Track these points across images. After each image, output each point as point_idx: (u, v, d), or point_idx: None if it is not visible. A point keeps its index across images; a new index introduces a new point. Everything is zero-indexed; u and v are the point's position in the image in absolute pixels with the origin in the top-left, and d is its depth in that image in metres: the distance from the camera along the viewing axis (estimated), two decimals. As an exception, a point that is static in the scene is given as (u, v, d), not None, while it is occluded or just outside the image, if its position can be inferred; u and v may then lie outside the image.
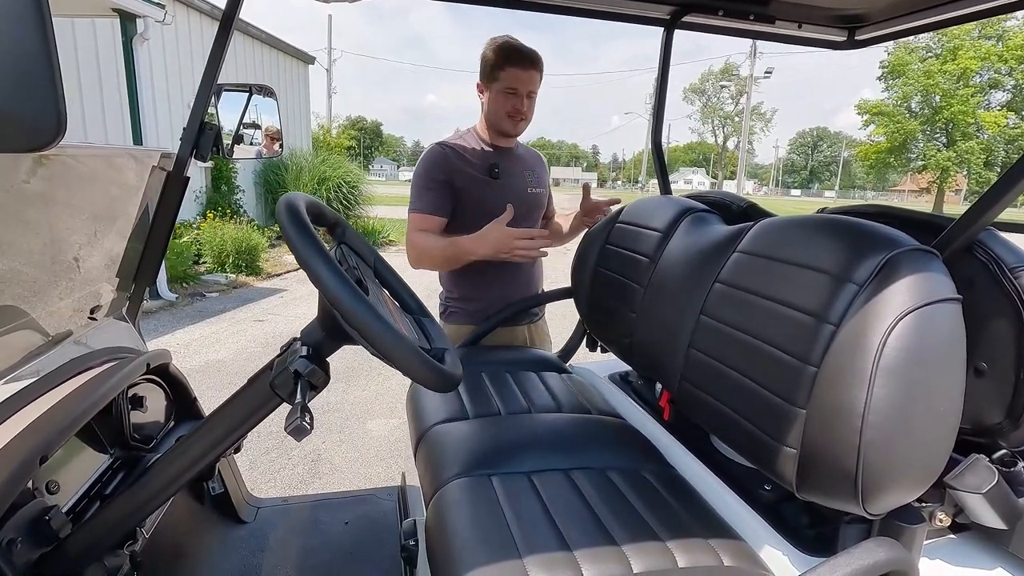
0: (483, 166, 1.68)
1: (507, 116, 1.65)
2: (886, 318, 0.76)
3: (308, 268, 0.66)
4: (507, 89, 1.62)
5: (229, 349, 4.27)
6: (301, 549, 1.41)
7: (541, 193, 1.81)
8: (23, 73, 0.38)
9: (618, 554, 0.84)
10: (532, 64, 1.62)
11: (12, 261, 0.93)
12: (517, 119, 1.66)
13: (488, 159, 1.70)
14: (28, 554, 0.77)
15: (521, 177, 1.75)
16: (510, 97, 1.63)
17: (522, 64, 1.61)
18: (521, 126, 1.69)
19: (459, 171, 1.65)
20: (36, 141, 0.41)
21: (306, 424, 0.67)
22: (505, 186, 1.70)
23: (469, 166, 1.66)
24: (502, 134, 1.71)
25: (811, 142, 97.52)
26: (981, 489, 0.84)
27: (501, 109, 1.65)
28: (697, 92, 70.03)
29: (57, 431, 0.85)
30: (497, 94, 1.64)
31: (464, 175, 1.65)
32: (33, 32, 0.37)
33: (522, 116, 1.66)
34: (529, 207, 1.76)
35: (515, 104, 1.63)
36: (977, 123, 30.17)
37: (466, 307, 1.76)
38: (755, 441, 0.92)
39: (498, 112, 1.66)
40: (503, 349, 1.75)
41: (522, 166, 1.77)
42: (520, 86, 1.62)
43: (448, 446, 1.15)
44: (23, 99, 0.38)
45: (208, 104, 1.24)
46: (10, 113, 0.39)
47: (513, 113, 1.65)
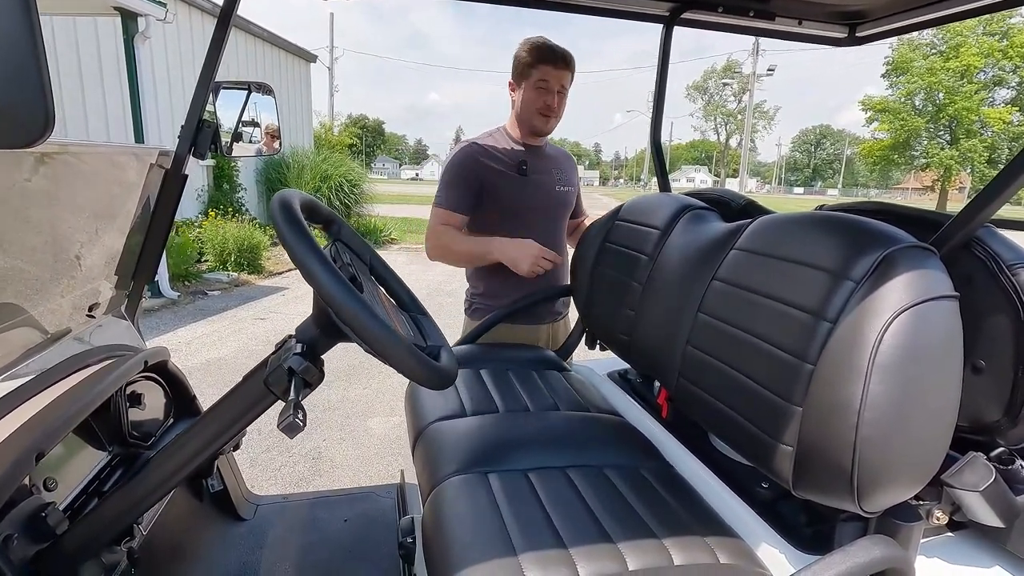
0: (512, 163, 1.71)
1: (538, 112, 1.68)
2: (883, 315, 0.75)
3: (301, 265, 0.66)
4: (539, 84, 1.66)
5: (230, 347, 4.28)
6: (300, 546, 1.41)
7: (569, 191, 1.83)
8: (9, 68, 0.37)
9: (614, 552, 0.84)
10: (564, 62, 1.66)
11: (13, 258, 0.93)
12: (548, 116, 1.69)
13: (517, 156, 1.73)
14: (25, 551, 0.77)
15: (550, 175, 1.78)
16: (542, 93, 1.66)
17: (555, 62, 1.65)
18: (552, 123, 1.71)
19: (488, 168, 1.68)
20: (23, 137, 0.40)
21: (299, 421, 0.67)
22: (534, 183, 1.73)
23: (498, 163, 1.70)
24: (533, 132, 1.74)
25: (814, 140, 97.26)
26: (979, 487, 0.83)
27: (533, 105, 1.68)
28: (699, 90, 69.86)
29: (54, 428, 0.85)
30: (529, 91, 1.67)
31: (493, 172, 1.68)
32: (19, 27, 0.37)
33: (553, 113, 1.69)
34: (557, 205, 1.79)
35: (547, 100, 1.67)
36: (981, 120, 30.01)
37: (491, 304, 1.79)
38: (752, 439, 0.92)
39: (530, 109, 1.69)
40: (503, 347, 1.75)
41: (551, 164, 1.80)
42: (552, 82, 1.65)
43: (446, 443, 1.15)
44: (9, 95, 0.38)
45: (206, 102, 1.24)
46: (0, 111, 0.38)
47: (544, 109, 1.67)
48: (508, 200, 1.69)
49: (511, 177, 1.69)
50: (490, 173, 1.68)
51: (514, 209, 1.70)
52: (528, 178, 1.71)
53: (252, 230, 7.13)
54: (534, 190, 1.72)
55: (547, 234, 1.76)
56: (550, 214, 1.78)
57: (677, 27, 1.65)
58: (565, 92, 1.70)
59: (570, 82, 1.71)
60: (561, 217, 1.83)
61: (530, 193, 1.71)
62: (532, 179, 1.72)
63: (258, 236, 7.08)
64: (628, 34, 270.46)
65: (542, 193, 1.74)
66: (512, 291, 1.75)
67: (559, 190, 1.79)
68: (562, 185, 1.80)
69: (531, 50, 1.67)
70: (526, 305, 1.78)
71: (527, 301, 1.79)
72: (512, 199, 1.70)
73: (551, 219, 1.78)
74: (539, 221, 1.73)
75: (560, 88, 1.68)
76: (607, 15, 1.61)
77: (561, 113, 1.72)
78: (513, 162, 1.71)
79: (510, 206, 1.70)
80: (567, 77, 1.68)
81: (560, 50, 1.66)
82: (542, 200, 1.74)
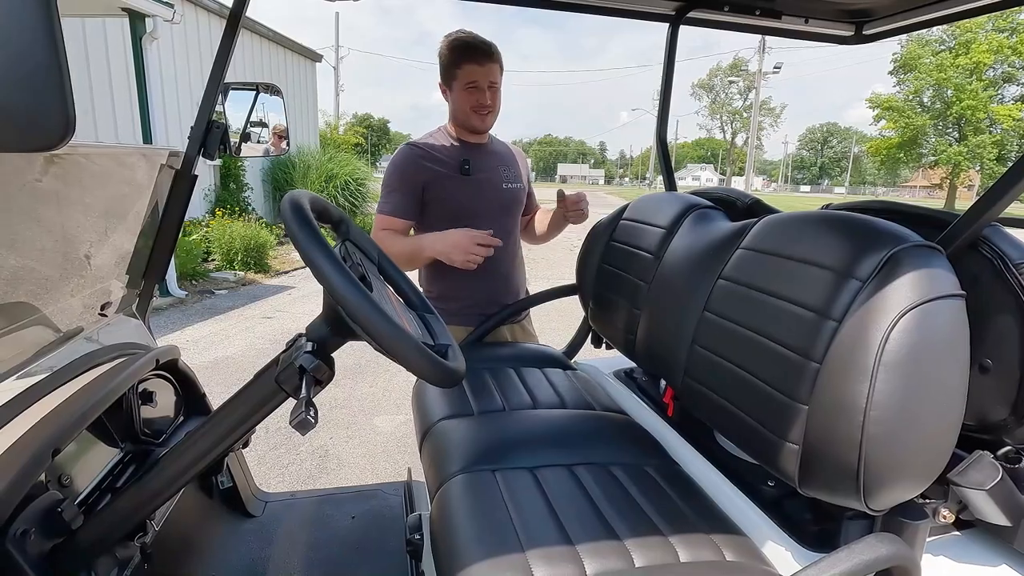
0: (454, 163, 1.65)
1: (473, 112, 1.63)
2: (889, 314, 0.76)
3: (312, 264, 0.67)
4: (468, 85, 1.60)
5: (238, 345, 4.30)
6: (308, 543, 1.42)
7: (517, 189, 1.77)
8: (31, 73, 0.38)
9: (620, 548, 0.85)
10: (488, 56, 1.59)
11: (25, 259, 0.95)
12: (483, 112, 1.64)
13: (459, 156, 1.67)
14: (41, 545, 0.79)
15: (495, 173, 1.72)
16: (472, 92, 1.61)
17: (478, 58, 1.59)
18: (489, 119, 1.66)
19: (428, 170, 1.63)
20: (45, 141, 0.41)
21: (310, 418, 0.68)
22: (478, 182, 1.67)
23: (439, 164, 1.64)
24: (471, 130, 1.68)
25: (821, 138, 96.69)
26: (985, 485, 0.84)
27: (465, 105, 1.62)
28: (705, 88, 69.61)
29: (69, 425, 0.87)
30: (459, 92, 1.62)
31: (433, 173, 1.63)
32: (41, 32, 0.37)
33: (488, 109, 1.63)
34: (505, 203, 1.74)
35: (478, 98, 1.61)
36: (990, 117, 29.74)
37: (444, 307, 1.66)
38: (758, 437, 0.92)
39: (463, 109, 1.63)
40: (507, 346, 1.75)
41: (496, 162, 1.74)
42: (480, 79, 1.60)
43: (452, 441, 1.16)
44: (31, 99, 0.38)
45: (215, 103, 1.25)
46: (18, 113, 0.39)
47: (478, 108, 1.62)
48: (453, 201, 1.64)
49: (453, 177, 1.64)
50: (431, 175, 1.63)
51: (459, 210, 1.64)
52: (471, 177, 1.66)
53: (258, 229, 7.16)
54: (479, 189, 1.66)
55: (496, 232, 1.65)
56: (498, 213, 1.70)
57: (683, 26, 1.65)
58: (497, 86, 1.64)
59: (499, 73, 1.63)
60: (510, 215, 1.76)
61: (475, 192, 1.66)
62: (476, 178, 1.66)
63: (264, 235, 7.12)
64: (633, 31, 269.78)
65: (488, 192, 1.68)
66: (464, 290, 1.69)
67: (506, 187, 1.73)
68: (509, 183, 1.74)
69: (452, 49, 1.61)
70: (528, 303, 1.79)
71: (530, 300, 1.80)
72: (457, 200, 1.64)
73: (499, 218, 1.70)
74: (486, 221, 1.65)
75: (490, 83, 1.61)
76: (613, 14, 1.61)
77: (497, 107, 1.66)
78: (455, 162, 1.65)
79: (456, 207, 1.64)
80: (495, 71, 1.61)
81: (482, 43, 1.59)
82: (488, 199, 1.68)
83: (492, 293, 1.75)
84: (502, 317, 1.74)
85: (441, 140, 1.70)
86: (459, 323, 1.72)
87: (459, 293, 1.70)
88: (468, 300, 1.71)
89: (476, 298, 1.72)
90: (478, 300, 1.73)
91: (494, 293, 1.75)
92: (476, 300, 1.72)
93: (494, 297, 1.75)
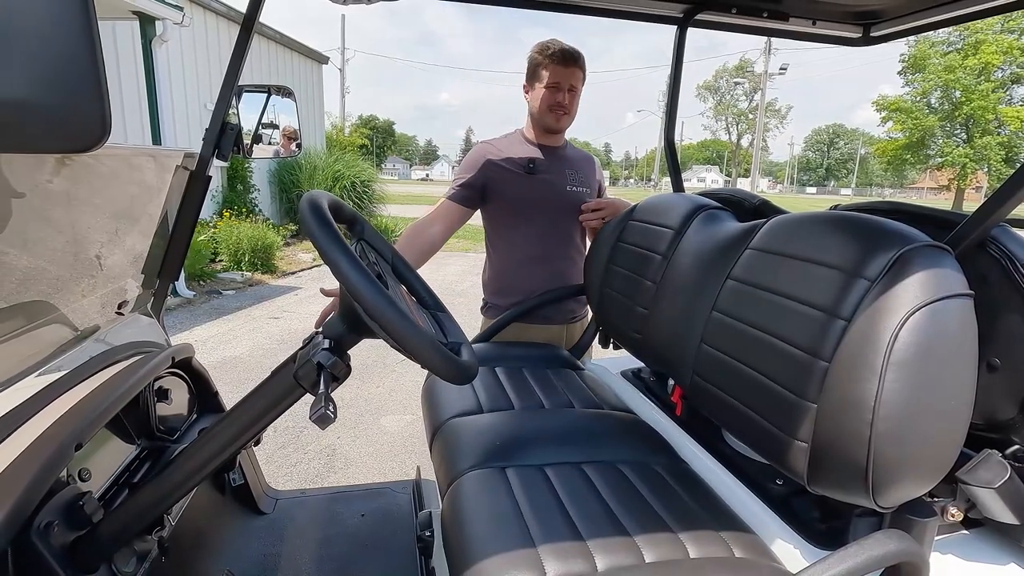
0: (521, 162, 1.76)
1: (549, 110, 1.73)
2: (898, 313, 0.76)
3: (331, 263, 0.69)
4: (550, 84, 1.71)
5: (245, 345, 4.33)
6: (318, 540, 1.44)
7: (582, 192, 1.84)
8: (70, 77, 0.39)
9: (630, 544, 0.86)
10: (573, 60, 1.71)
11: (48, 259, 0.97)
12: (560, 113, 1.73)
13: (528, 155, 1.77)
14: (64, 537, 0.80)
15: (562, 175, 1.81)
16: (553, 91, 1.71)
17: (564, 62, 1.70)
18: (564, 120, 1.76)
19: (495, 165, 1.75)
20: (82, 143, 0.42)
21: (330, 413, 0.69)
22: (540, 182, 1.76)
23: (506, 161, 1.76)
24: (547, 130, 1.79)
25: (827, 139, 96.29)
26: (993, 484, 0.84)
27: (544, 104, 1.73)
28: (710, 89, 69.43)
29: (90, 421, 0.88)
30: (541, 90, 1.73)
31: (499, 169, 1.74)
32: (80, 37, 0.38)
33: (564, 110, 1.73)
34: (566, 204, 1.81)
35: (557, 98, 1.71)
36: (998, 119, 29.53)
37: (501, 303, 1.83)
38: (766, 435, 0.93)
39: (541, 107, 1.74)
40: (517, 345, 1.77)
41: (566, 165, 1.83)
42: (562, 80, 1.70)
43: (463, 439, 1.18)
44: (70, 102, 0.39)
45: (229, 105, 1.27)
46: (58, 116, 0.39)
47: (555, 107, 1.72)
48: (512, 196, 1.75)
49: (516, 174, 1.75)
50: (496, 170, 1.74)
51: (517, 205, 1.76)
52: (535, 176, 1.76)
53: (265, 230, 7.21)
54: (539, 188, 1.76)
55: (552, 232, 1.80)
56: (556, 213, 1.80)
57: (691, 28, 1.66)
58: (576, 91, 1.75)
59: (581, 80, 1.75)
60: (571, 216, 1.84)
61: (534, 191, 1.75)
62: (539, 177, 1.76)
63: (271, 236, 7.16)
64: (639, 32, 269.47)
65: (548, 192, 1.77)
66: (521, 289, 1.78)
67: (570, 190, 1.81)
68: (574, 186, 1.82)
69: (541, 52, 1.72)
70: (539, 304, 1.80)
71: (540, 300, 1.81)
72: (516, 195, 1.75)
73: (557, 218, 1.80)
74: (543, 219, 1.77)
75: (571, 87, 1.72)
76: (621, 17, 1.63)
77: (574, 111, 1.77)
78: (522, 160, 1.76)
79: (513, 202, 1.76)
80: (577, 75, 1.72)
81: (569, 50, 1.71)
82: (547, 198, 1.77)
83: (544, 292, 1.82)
84: (512, 316, 1.76)
85: (515, 142, 1.82)
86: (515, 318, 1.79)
87: (517, 289, 1.79)
88: (523, 295, 1.79)
89: (529, 295, 1.80)
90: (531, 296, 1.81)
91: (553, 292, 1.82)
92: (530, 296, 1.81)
93: (552, 296, 1.82)
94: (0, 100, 0.37)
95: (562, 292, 1.85)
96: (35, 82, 0.38)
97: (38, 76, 0.38)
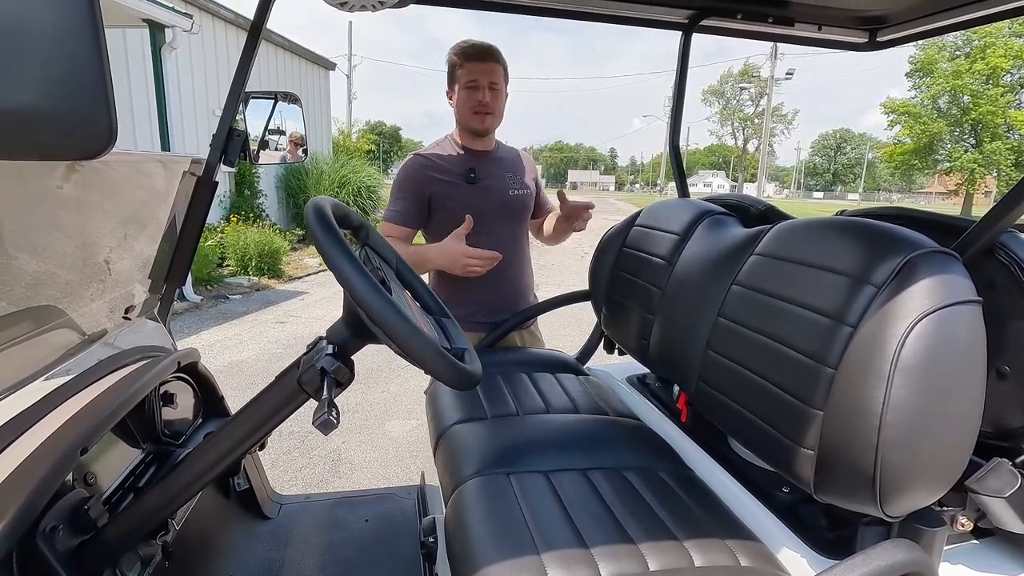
0: (459, 171, 1.68)
1: (473, 113, 1.65)
2: (905, 320, 0.76)
3: (335, 269, 0.69)
4: (468, 84, 1.63)
5: (252, 350, 4.35)
6: (323, 545, 1.44)
7: (524, 194, 1.78)
8: (76, 83, 0.39)
9: (635, 552, 0.85)
10: (489, 56, 1.63)
11: (58, 264, 0.98)
12: (483, 113, 1.65)
13: (464, 164, 1.69)
14: (69, 541, 0.81)
15: (501, 179, 1.74)
16: (472, 92, 1.64)
17: (478, 58, 1.63)
18: (488, 120, 1.67)
19: (434, 179, 1.66)
20: (89, 150, 0.42)
21: (333, 418, 0.69)
22: (484, 190, 1.69)
23: (444, 173, 1.67)
24: (474, 134, 1.71)
25: (834, 144, 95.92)
26: (1003, 493, 0.83)
27: (466, 106, 1.65)
28: (716, 94, 69.40)
29: (96, 425, 0.89)
30: (461, 92, 1.65)
31: (439, 182, 1.66)
32: (86, 43, 0.38)
33: (488, 110, 1.65)
34: (511, 209, 1.75)
35: (478, 98, 1.63)
36: (1007, 123, 29.33)
37: (454, 312, 1.71)
38: (772, 442, 0.92)
39: (464, 111, 1.66)
40: (521, 351, 1.76)
41: (503, 168, 1.76)
42: (480, 78, 1.63)
43: (467, 445, 1.17)
44: (77, 109, 0.39)
45: (236, 111, 1.28)
46: (64, 123, 0.40)
47: (478, 107, 1.64)
48: (459, 209, 1.64)
49: (459, 186, 1.67)
50: (437, 184, 1.66)
51: (465, 216, 1.63)
52: (477, 185, 1.68)
53: (272, 235, 7.25)
54: (485, 197, 1.68)
55: (504, 238, 1.71)
56: (504, 220, 1.73)
57: (696, 33, 1.66)
58: (499, 88, 1.66)
59: (503, 76, 1.66)
60: (517, 220, 1.78)
61: (481, 200, 1.67)
62: (481, 186, 1.68)
63: (278, 241, 7.20)
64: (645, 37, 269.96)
65: (493, 199, 1.70)
66: (467, 296, 1.70)
67: (512, 194, 1.75)
68: (515, 189, 1.76)
69: (455, 52, 1.66)
70: (538, 311, 1.80)
71: (542, 307, 1.80)
72: (463, 208, 1.64)
73: (506, 224, 1.74)
74: (493, 227, 1.69)
75: (491, 84, 1.64)
76: (626, 23, 1.63)
77: (498, 110, 1.68)
78: (460, 170, 1.68)
79: (462, 215, 1.63)
80: (496, 70, 1.64)
81: (484, 45, 1.64)
82: (494, 206, 1.70)
83: (498, 299, 1.76)
84: (516, 322, 1.75)
85: (447, 149, 1.73)
86: (467, 329, 1.72)
87: (465, 298, 1.71)
88: (474, 306, 1.73)
89: (482, 304, 1.74)
90: (483, 306, 1.74)
91: (500, 299, 1.76)
92: (481, 306, 1.74)
93: (500, 303, 1.76)
94: (9, 108, 0.38)
95: (568, 297, 1.84)
96: (43, 91, 0.38)
97: (46, 85, 0.38)
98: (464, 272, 1.57)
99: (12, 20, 0.36)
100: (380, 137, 38.88)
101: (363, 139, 18.35)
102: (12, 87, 0.37)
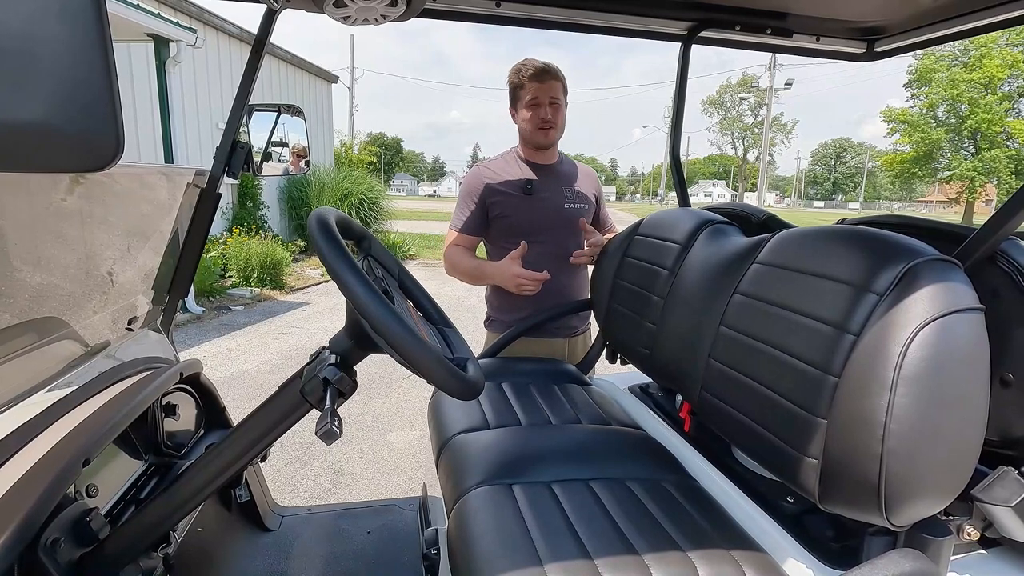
0: (518, 184, 1.77)
1: (536, 128, 1.75)
2: (907, 328, 0.76)
3: (338, 279, 0.69)
4: (531, 103, 1.73)
5: (254, 361, 4.35)
6: (324, 557, 1.43)
7: (580, 208, 1.85)
8: (85, 98, 0.39)
9: (639, 563, 0.85)
10: (549, 74, 1.73)
11: (61, 276, 0.98)
12: (546, 128, 1.75)
13: (524, 176, 1.79)
14: (70, 553, 0.80)
15: (559, 193, 1.81)
16: (535, 109, 1.73)
17: (539, 77, 1.73)
18: (552, 134, 1.77)
19: (493, 190, 1.77)
20: (95, 162, 0.42)
21: (335, 428, 0.69)
22: (539, 202, 1.77)
23: (503, 184, 1.77)
24: (537, 147, 1.80)
25: (834, 153, 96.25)
26: (1010, 502, 0.82)
27: (530, 123, 1.75)
28: (715, 104, 69.76)
29: (98, 437, 0.89)
30: (524, 110, 1.76)
31: (497, 193, 1.76)
32: (93, 54, 0.38)
33: (550, 124, 1.75)
34: (565, 222, 1.81)
35: (540, 114, 1.73)
36: (1006, 131, 29.42)
37: (504, 318, 1.84)
38: (776, 452, 0.92)
39: (527, 127, 1.76)
40: (524, 360, 1.76)
41: (562, 182, 1.84)
42: (541, 95, 1.73)
43: (469, 455, 1.17)
44: (84, 122, 0.40)
45: (240, 124, 1.29)
46: (72, 136, 0.40)
47: (541, 123, 1.74)
48: (514, 219, 1.76)
49: (516, 197, 1.76)
50: (495, 195, 1.76)
51: (521, 228, 1.76)
52: (533, 197, 1.76)
53: (274, 247, 7.27)
54: (539, 209, 1.77)
55: (556, 250, 1.78)
56: (558, 232, 1.80)
57: (696, 45, 1.68)
58: (559, 103, 1.76)
59: (562, 92, 1.76)
60: (571, 233, 1.83)
61: (534, 212, 1.76)
62: (537, 198, 1.77)
63: (280, 252, 7.22)
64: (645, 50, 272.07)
65: (548, 212, 1.78)
66: (522, 305, 1.78)
67: (568, 207, 1.81)
68: (572, 202, 1.83)
69: (517, 73, 1.76)
70: (544, 319, 1.80)
71: (546, 315, 1.80)
72: (518, 219, 1.76)
73: (560, 236, 1.80)
74: (546, 239, 1.77)
75: (552, 100, 1.73)
76: (625, 35, 1.64)
77: (560, 123, 1.78)
78: (519, 182, 1.77)
79: (517, 225, 1.76)
80: (556, 87, 1.74)
81: (544, 65, 1.73)
82: (548, 218, 1.78)
83: (544, 304, 1.81)
84: (519, 331, 1.75)
85: (510, 162, 1.83)
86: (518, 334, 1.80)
87: (517, 304, 1.79)
88: (525, 312, 1.80)
89: (530, 310, 1.80)
90: (535, 313, 1.80)
91: (545, 304, 1.81)
92: (533, 313, 1.80)
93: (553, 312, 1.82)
94: (17, 121, 0.38)
95: (569, 307, 1.84)
96: (52, 104, 0.39)
97: (55, 98, 0.39)
98: (516, 291, 1.69)
99: (24, 37, 0.36)
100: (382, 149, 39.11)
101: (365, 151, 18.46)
102: (23, 102, 0.38)
